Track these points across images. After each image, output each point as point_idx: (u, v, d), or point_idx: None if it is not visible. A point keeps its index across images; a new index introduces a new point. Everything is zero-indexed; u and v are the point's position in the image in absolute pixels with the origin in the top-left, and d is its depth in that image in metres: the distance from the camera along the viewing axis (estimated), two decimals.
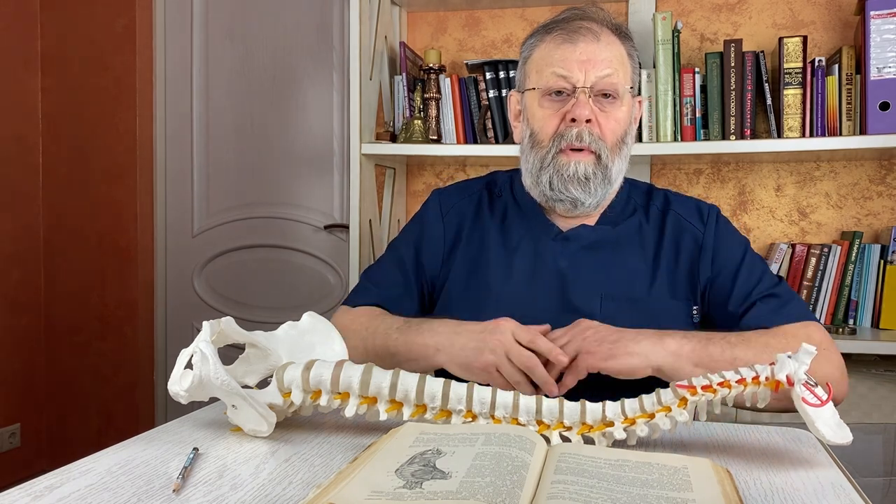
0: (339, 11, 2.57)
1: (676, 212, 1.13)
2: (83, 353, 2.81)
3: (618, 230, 1.11)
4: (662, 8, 2.18)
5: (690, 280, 1.10)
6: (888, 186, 2.07)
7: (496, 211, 1.17)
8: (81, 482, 0.68)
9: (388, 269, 1.19)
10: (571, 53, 1.04)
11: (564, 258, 1.09)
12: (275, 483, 0.68)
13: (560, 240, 1.10)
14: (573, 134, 1.03)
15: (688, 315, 1.09)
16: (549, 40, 1.08)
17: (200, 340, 0.80)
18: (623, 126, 1.07)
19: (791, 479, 0.72)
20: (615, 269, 1.08)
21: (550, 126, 1.06)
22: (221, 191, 2.74)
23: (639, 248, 1.11)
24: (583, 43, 1.04)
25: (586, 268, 1.08)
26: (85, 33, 2.75)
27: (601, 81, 1.04)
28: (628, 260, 1.10)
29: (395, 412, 0.81)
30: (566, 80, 1.04)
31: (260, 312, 2.71)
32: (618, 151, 1.07)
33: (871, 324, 1.92)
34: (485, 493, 0.58)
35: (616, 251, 1.10)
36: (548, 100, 1.06)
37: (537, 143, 1.07)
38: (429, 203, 1.21)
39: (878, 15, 1.82)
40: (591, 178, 1.04)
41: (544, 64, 1.06)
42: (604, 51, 1.05)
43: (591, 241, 1.10)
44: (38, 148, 2.82)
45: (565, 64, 1.04)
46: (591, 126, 1.04)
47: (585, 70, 1.03)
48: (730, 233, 1.13)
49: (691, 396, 0.77)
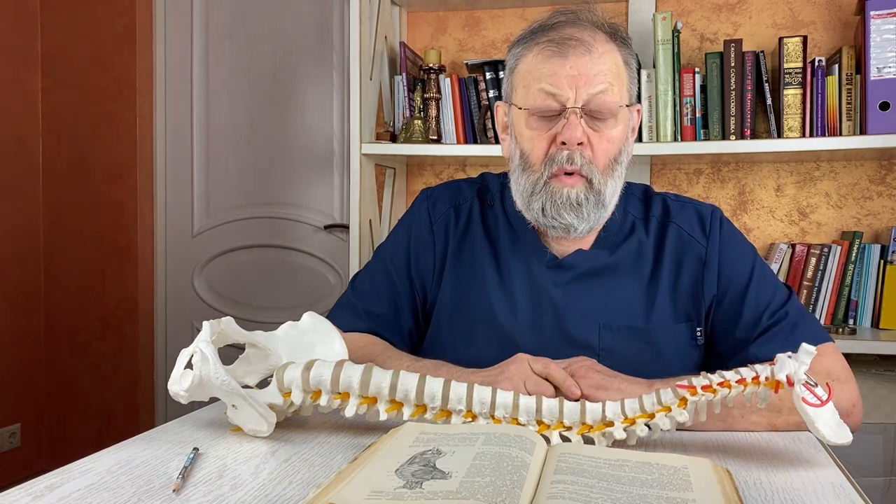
0: (339, 11, 2.57)
1: (677, 224, 1.06)
2: (83, 353, 2.81)
3: (615, 256, 1.05)
4: (662, 8, 2.18)
5: (694, 300, 1.04)
6: (888, 186, 2.07)
7: (488, 225, 1.10)
8: (81, 482, 0.68)
9: (378, 282, 1.13)
10: (561, 68, 0.95)
11: (559, 287, 1.04)
12: (275, 483, 0.68)
13: (554, 267, 1.05)
14: (564, 157, 0.96)
15: (691, 338, 1.04)
16: (536, 51, 0.98)
17: (200, 340, 0.80)
18: (617, 146, 1.00)
19: (791, 479, 0.72)
20: (613, 297, 1.03)
21: (540, 149, 0.98)
22: (221, 191, 2.74)
23: (637, 273, 1.05)
24: (573, 56, 0.95)
25: (583, 297, 1.03)
26: (85, 33, 2.75)
27: (594, 100, 0.95)
28: (626, 287, 1.04)
29: (395, 412, 0.81)
30: (555, 98, 0.96)
31: (260, 312, 2.71)
32: (610, 173, 0.99)
33: (871, 324, 1.92)
34: (485, 493, 0.58)
35: (613, 278, 1.04)
36: (536, 119, 0.98)
37: (528, 167, 1.00)
38: (417, 210, 1.14)
39: (878, 15, 1.82)
40: (583, 203, 0.98)
41: (532, 79, 0.98)
42: (597, 63, 0.96)
43: (587, 268, 1.05)
44: (38, 148, 2.82)
45: (554, 80, 0.96)
46: (583, 148, 0.96)
47: (576, 87, 0.95)
48: (736, 243, 1.07)
49: (691, 396, 0.77)
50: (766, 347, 0.97)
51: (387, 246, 1.16)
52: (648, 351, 1.01)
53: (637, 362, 0.97)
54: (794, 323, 1.00)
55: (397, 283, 1.11)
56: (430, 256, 1.10)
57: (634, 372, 0.92)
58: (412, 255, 1.11)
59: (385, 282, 1.12)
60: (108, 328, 2.79)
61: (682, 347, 1.03)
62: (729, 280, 1.04)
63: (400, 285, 1.11)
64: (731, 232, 1.08)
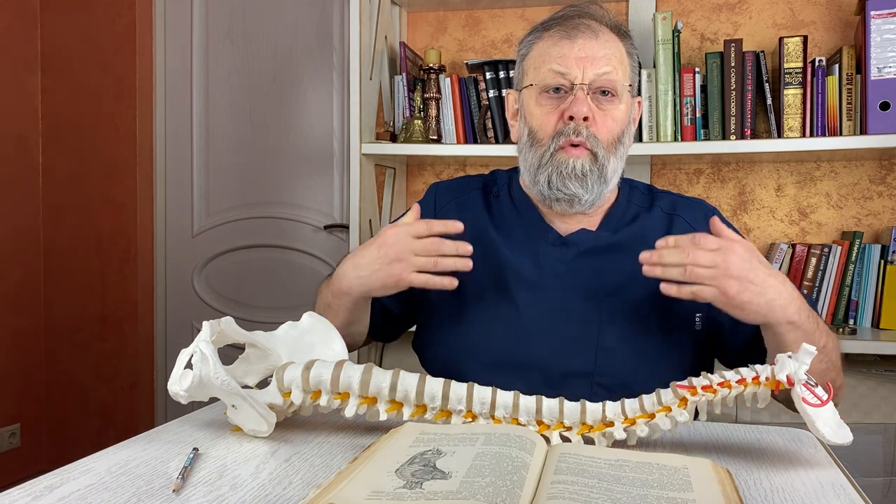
0: (339, 11, 2.57)
1: (683, 218, 1.11)
2: (83, 353, 2.81)
3: (618, 236, 1.10)
4: (662, 8, 2.18)
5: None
6: (888, 186, 2.07)
7: (493, 211, 1.16)
8: (81, 482, 0.68)
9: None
10: (570, 50, 1.03)
11: (563, 263, 1.08)
12: (275, 483, 0.68)
13: (559, 244, 1.09)
14: (570, 129, 1.03)
15: (690, 321, 1.07)
16: (546, 37, 1.07)
17: (200, 340, 0.80)
18: (620, 125, 1.06)
19: (791, 479, 0.72)
20: (615, 273, 1.06)
21: (549, 124, 1.05)
22: (221, 191, 2.74)
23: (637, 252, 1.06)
24: (581, 39, 1.04)
25: (585, 272, 1.07)
26: (85, 33, 2.75)
27: (600, 78, 1.03)
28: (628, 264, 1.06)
29: (395, 412, 0.81)
30: (564, 76, 1.03)
31: (260, 312, 2.71)
32: (613, 151, 1.06)
33: (872, 324, 1.92)
34: (485, 493, 0.58)
35: (616, 255, 1.08)
36: (545, 97, 1.05)
37: (536, 142, 1.06)
38: (425, 197, 1.20)
39: (879, 15, 1.82)
40: (587, 174, 1.03)
41: (542, 61, 1.06)
42: (603, 48, 1.04)
43: (591, 245, 1.09)
44: (38, 148, 2.82)
45: (563, 60, 1.03)
46: (589, 124, 1.03)
47: (584, 67, 1.02)
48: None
49: (691, 396, 0.77)
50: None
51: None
52: (647, 327, 1.04)
53: (636, 337, 1.03)
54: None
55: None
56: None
57: (633, 346, 1.01)
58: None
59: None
60: (108, 328, 2.78)
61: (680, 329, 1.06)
62: None
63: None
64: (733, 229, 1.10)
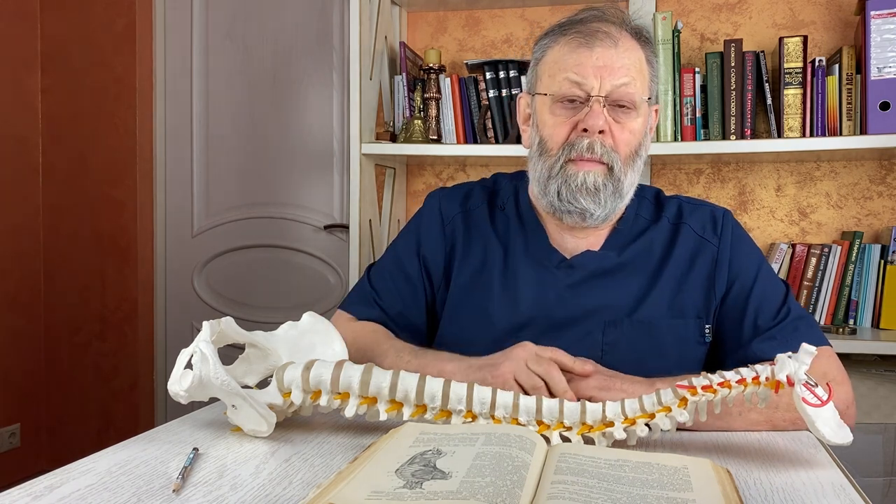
0: (339, 11, 2.57)
1: (689, 225, 1.09)
2: (83, 353, 2.81)
3: (623, 257, 1.07)
4: (662, 8, 2.18)
5: (706, 297, 1.05)
6: (888, 186, 2.07)
7: (498, 227, 1.12)
8: (81, 482, 0.68)
9: (392, 276, 1.14)
10: (587, 59, 0.98)
11: (566, 288, 1.05)
12: (275, 483, 0.68)
13: (564, 268, 1.07)
14: (584, 144, 0.98)
15: (699, 335, 1.05)
16: (563, 42, 1.01)
17: (200, 340, 0.80)
18: (637, 138, 1.02)
19: (791, 479, 0.72)
20: (618, 294, 1.05)
21: (560, 134, 1.01)
22: (221, 191, 2.74)
23: (643, 269, 1.07)
24: (600, 48, 0.98)
25: (589, 296, 1.05)
26: (85, 33, 2.75)
27: (617, 91, 0.98)
28: (631, 283, 1.06)
29: (395, 412, 0.81)
30: (580, 87, 0.98)
31: (260, 312, 2.71)
32: (631, 164, 1.02)
33: (872, 324, 1.92)
34: (485, 493, 0.58)
35: (620, 276, 1.06)
36: (560, 107, 1.01)
37: (546, 152, 1.02)
38: (429, 210, 1.16)
39: (879, 15, 1.82)
40: (600, 189, 0.99)
41: (558, 68, 1.01)
42: (622, 57, 0.99)
43: (595, 268, 1.06)
44: (38, 148, 2.82)
45: (580, 70, 0.98)
46: (604, 137, 0.99)
47: (601, 77, 0.97)
48: (744, 244, 1.09)
49: (691, 396, 0.77)
50: (767, 345, 0.99)
51: (400, 244, 1.18)
52: (652, 347, 1.02)
53: (640, 358, 0.99)
54: (794, 325, 1.01)
55: (414, 279, 1.13)
56: (441, 256, 1.12)
57: (637, 367, 0.94)
58: (425, 252, 1.13)
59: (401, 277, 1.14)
60: (108, 328, 2.79)
61: (686, 344, 1.04)
62: (735, 278, 1.05)
63: (416, 280, 1.13)
64: (741, 234, 1.11)
